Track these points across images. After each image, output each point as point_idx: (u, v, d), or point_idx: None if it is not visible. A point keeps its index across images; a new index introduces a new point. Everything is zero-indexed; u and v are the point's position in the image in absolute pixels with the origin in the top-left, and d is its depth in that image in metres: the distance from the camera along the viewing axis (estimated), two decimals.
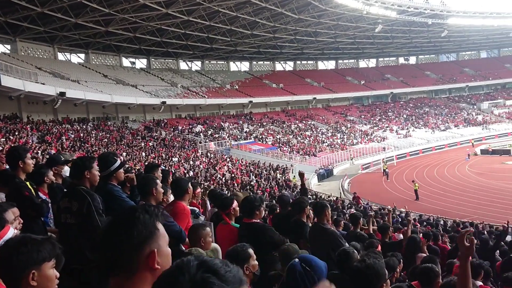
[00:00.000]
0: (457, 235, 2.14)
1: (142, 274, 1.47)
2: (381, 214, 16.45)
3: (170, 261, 1.55)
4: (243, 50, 64.14)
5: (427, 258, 5.05)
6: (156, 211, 1.53)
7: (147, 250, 1.47)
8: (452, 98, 77.29)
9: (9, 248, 1.78)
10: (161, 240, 1.53)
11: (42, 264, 1.78)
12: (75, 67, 48.29)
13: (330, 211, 4.88)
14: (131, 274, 1.46)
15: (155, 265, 1.48)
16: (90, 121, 40.39)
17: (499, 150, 47.29)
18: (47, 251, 1.79)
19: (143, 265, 1.46)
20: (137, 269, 1.46)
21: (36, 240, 1.81)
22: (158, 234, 1.51)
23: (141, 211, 1.49)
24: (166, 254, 1.54)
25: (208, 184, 24.74)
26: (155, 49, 56.66)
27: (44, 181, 4.54)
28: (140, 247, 1.46)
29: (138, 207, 1.53)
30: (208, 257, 1.22)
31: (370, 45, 73.40)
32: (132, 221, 1.46)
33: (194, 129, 48.41)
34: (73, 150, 28.38)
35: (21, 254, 1.75)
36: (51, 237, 1.87)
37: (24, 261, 1.75)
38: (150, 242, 1.48)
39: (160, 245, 1.51)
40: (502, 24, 67.97)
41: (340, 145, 52.02)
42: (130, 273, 1.46)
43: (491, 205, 24.87)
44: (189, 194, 4.41)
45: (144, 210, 1.50)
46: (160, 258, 1.50)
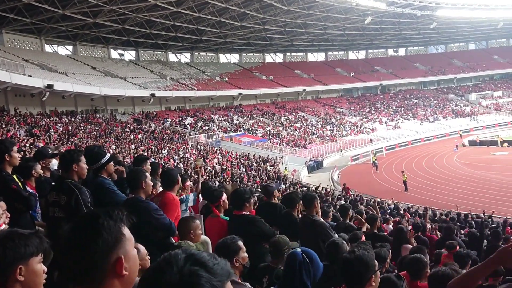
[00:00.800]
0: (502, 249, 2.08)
1: (109, 282, 1.42)
2: (370, 205, 16.54)
3: (137, 263, 1.50)
4: (233, 42, 63.86)
5: (415, 249, 5.10)
6: (120, 215, 1.47)
7: (113, 257, 1.41)
8: (441, 89, 77.84)
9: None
10: (128, 244, 1.46)
11: (29, 259, 1.73)
12: (63, 59, 47.76)
13: (319, 203, 4.90)
14: (97, 283, 1.40)
15: (123, 271, 1.43)
16: (78, 114, 40.03)
17: (487, 141, 47.79)
18: (34, 246, 1.74)
19: (110, 273, 1.41)
20: (104, 277, 1.41)
21: (23, 234, 1.76)
22: (124, 239, 1.44)
23: (104, 217, 1.42)
24: (133, 258, 1.49)
25: None
26: (144, 41, 56.20)
27: (32, 175, 4.49)
28: (107, 255, 1.40)
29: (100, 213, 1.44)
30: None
31: (359, 37, 73.51)
32: (97, 228, 1.40)
33: (183, 122, 48.23)
34: (62, 143, 28.15)
35: (8, 249, 1.70)
36: (38, 231, 1.82)
37: (11, 256, 1.70)
38: (117, 249, 1.42)
39: (127, 250, 1.45)
40: (490, 16, 68.41)
41: (330, 137, 52.19)
42: (96, 282, 1.40)
43: (479, 196, 25.15)
44: (178, 185, 4.41)
45: (107, 216, 1.43)
46: (128, 263, 1.45)
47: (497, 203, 22.69)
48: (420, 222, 10.68)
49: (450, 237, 8.63)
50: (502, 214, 17.91)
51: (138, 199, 3.79)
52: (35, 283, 1.57)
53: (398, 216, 14.55)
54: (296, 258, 2.81)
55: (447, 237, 8.71)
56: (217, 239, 4.41)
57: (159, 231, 3.73)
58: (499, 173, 31.12)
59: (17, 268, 1.71)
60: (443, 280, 2.71)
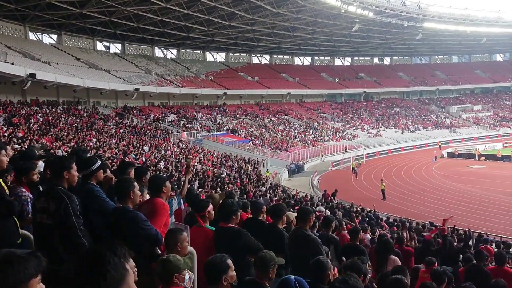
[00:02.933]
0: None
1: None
2: (349, 216, 16.71)
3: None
4: (220, 41, 63.70)
5: (398, 268, 5.18)
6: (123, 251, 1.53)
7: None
8: (423, 100, 79.04)
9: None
10: (130, 279, 1.53)
11: (29, 281, 1.72)
12: (47, 48, 47.00)
13: (313, 217, 4.94)
14: None
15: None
16: (60, 105, 39.41)
17: (465, 154, 48.73)
18: (33, 268, 1.72)
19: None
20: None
21: (21, 257, 1.74)
22: (127, 275, 1.51)
23: (110, 254, 1.48)
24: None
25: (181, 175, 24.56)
26: (130, 35, 55.65)
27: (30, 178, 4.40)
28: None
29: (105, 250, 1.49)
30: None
31: (346, 44, 74.09)
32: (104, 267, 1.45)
33: (166, 118, 47.94)
34: (42, 133, 27.71)
35: (7, 276, 1.69)
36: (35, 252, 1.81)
37: (11, 282, 1.69)
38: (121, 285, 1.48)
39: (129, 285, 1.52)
40: (474, 31, 69.75)
41: (312, 141, 52.50)
42: None
43: (455, 208, 25.58)
44: (165, 193, 4.38)
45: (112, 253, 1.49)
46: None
47: (472, 216, 23.16)
48: (400, 234, 10.84)
49: (428, 250, 8.79)
50: (475, 228, 18.27)
51: (126, 209, 3.78)
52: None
53: (377, 225, 14.71)
54: (288, 284, 2.84)
55: (425, 250, 8.87)
56: (202, 249, 4.42)
57: (146, 242, 3.72)
58: (476, 186, 31.75)
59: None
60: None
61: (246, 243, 4.38)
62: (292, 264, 4.74)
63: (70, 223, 3.40)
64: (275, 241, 4.75)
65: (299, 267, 4.69)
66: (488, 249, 11.36)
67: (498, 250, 10.84)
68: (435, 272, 5.83)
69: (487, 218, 23.01)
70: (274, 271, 3.69)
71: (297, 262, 4.62)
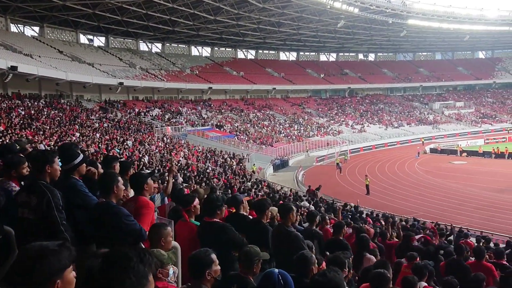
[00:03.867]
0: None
1: None
2: (333, 209, 16.84)
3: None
4: (205, 36, 63.37)
5: (380, 263, 5.24)
6: (150, 260, 1.52)
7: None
8: (406, 96, 79.80)
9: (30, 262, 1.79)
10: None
11: (64, 272, 1.81)
12: (29, 41, 46.22)
13: (295, 213, 4.96)
14: None
15: None
16: (42, 98, 38.84)
17: (447, 150, 49.42)
18: (66, 259, 1.82)
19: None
20: None
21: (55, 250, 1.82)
22: (148, 285, 1.50)
23: (136, 260, 1.47)
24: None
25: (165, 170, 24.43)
26: (114, 28, 55.02)
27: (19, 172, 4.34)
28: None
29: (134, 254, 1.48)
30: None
31: (331, 39, 74.35)
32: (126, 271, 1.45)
33: (151, 113, 47.60)
34: (23, 127, 27.30)
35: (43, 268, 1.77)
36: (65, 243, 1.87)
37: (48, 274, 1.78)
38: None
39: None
40: (457, 28, 70.62)
41: (297, 137, 52.67)
42: None
43: (437, 203, 25.97)
44: (148, 190, 4.35)
45: (139, 259, 1.48)
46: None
47: (453, 211, 23.53)
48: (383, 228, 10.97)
49: (408, 244, 8.91)
50: (457, 223, 18.59)
51: (108, 204, 3.75)
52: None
53: (361, 220, 14.84)
54: (272, 278, 2.86)
55: (405, 244, 8.99)
56: (186, 244, 4.43)
57: (129, 237, 3.70)
58: (458, 182, 32.23)
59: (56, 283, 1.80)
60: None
61: (231, 238, 4.38)
62: (276, 260, 4.76)
63: (52, 217, 3.36)
64: (260, 236, 4.76)
65: (283, 263, 4.71)
66: (468, 244, 11.57)
67: (477, 245, 11.05)
68: (416, 267, 5.92)
69: (468, 213, 23.39)
70: (258, 266, 3.70)
71: (281, 258, 4.64)
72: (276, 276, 2.88)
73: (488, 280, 6.69)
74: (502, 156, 43.36)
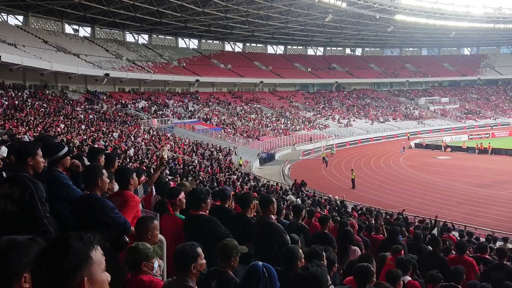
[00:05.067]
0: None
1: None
2: (318, 205, 16.93)
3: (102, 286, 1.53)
4: (193, 28, 62.94)
5: (364, 256, 5.28)
6: (91, 238, 1.51)
7: (77, 279, 1.45)
8: (393, 91, 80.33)
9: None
10: (95, 268, 1.50)
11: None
12: (12, 30, 45.44)
13: (275, 206, 4.97)
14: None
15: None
16: (26, 89, 38.29)
17: (432, 145, 49.98)
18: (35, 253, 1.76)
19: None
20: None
21: (23, 243, 1.80)
22: (91, 262, 1.48)
23: (74, 239, 1.47)
24: (100, 282, 1.52)
25: (149, 164, 24.33)
26: (101, 18, 54.29)
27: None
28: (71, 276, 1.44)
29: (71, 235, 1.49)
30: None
31: (319, 34, 74.42)
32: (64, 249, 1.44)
33: (137, 104, 47.24)
34: (6, 118, 26.92)
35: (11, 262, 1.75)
36: (36, 237, 1.84)
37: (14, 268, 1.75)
38: (81, 270, 1.46)
39: (92, 273, 1.49)
40: (443, 24, 71.28)
41: (284, 130, 52.75)
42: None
43: (421, 197, 26.28)
44: (133, 185, 4.32)
45: (78, 238, 1.48)
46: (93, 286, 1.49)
47: (437, 205, 23.81)
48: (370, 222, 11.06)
49: (394, 239, 8.99)
50: (440, 217, 18.80)
51: (93, 196, 3.71)
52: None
53: (346, 214, 14.95)
54: (256, 270, 2.87)
55: (391, 239, 9.07)
56: (171, 237, 4.41)
57: (113, 229, 3.67)
58: (442, 177, 32.63)
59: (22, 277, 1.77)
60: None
61: (216, 231, 4.37)
62: (258, 253, 4.77)
63: (35, 210, 3.32)
64: (243, 230, 4.76)
65: (264, 255, 4.72)
66: (451, 238, 11.73)
67: (459, 240, 11.21)
68: (401, 260, 5.99)
69: (452, 207, 23.70)
70: (236, 259, 3.68)
71: (262, 250, 4.65)
72: (261, 269, 2.89)
73: (469, 274, 6.80)
74: (485, 151, 43.99)
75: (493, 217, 21.61)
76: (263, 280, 2.84)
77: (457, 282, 5.87)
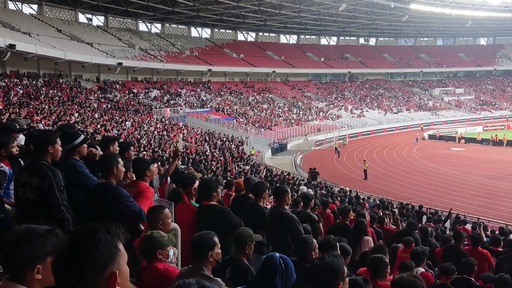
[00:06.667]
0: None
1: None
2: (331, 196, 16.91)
3: (128, 279, 1.54)
4: (206, 17, 62.77)
5: (377, 248, 5.27)
6: (117, 230, 1.51)
7: (108, 271, 1.46)
8: (407, 82, 79.49)
9: (13, 244, 1.77)
10: (122, 260, 1.51)
11: (46, 258, 1.78)
12: (27, 19, 45.72)
13: (290, 196, 4.98)
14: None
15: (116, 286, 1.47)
16: (41, 77, 38.62)
17: (446, 136, 49.47)
18: (51, 245, 1.79)
19: (103, 286, 1.46)
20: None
21: (40, 234, 1.80)
22: (119, 255, 1.49)
23: (103, 231, 1.46)
24: (126, 274, 1.53)
25: (163, 153, 24.48)
26: (114, 7, 54.40)
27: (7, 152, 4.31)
28: (102, 269, 1.45)
29: (99, 227, 1.48)
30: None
31: (332, 23, 73.70)
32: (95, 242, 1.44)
33: (150, 94, 47.41)
34: (21, 106, 27.20)
35: (25, 251, 1.75)
36: (54, 229, 1.84)
37: (28, 257, 1.76)
38: (112, 264, 1.46)
39: (120, 265, 1.50)
40: (459, 14, 70.00)
41: (296, 120, 52.59)
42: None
43: (434, 189, 26.09)
44: (149, 177, 4.32)
45: (106, 231, 1.47)
46: (120, 278, 1.49)
47: (450, 197, 23.65)
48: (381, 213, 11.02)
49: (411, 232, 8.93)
50: (453, 210, 18.66)
51: (108, 185, 3.75)
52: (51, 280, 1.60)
53: (358, 206, 14.92)
54: (272, 261, 2.89)
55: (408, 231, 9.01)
56: (187, 226, 4.44)
57: (128, 218, 3.71)
58: (455, 169, 32.34)
59: (35, 268, 1.78)
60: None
61: (228, 222, 4.40)
62: (272, 242, 4.79)
63: (53, 198, 3.36)
64: (256, 219, 4.79)
65: (277, 245, 4.74)
66: (465, 230, 11.64)
67: (473, 232, 11.12)
68: (415, 252, 5.97)
69: (465, 199, 23.52)
70: (251, 247, 3.73)
71: (276, 240, 4.67)
72: (278, 260, 2.91)
73: (483, 267, 6.76)
74: (500, 143, 43.44)
75: (507, 209, 21.38)
76: (280, 271, 2.86)
77: (469, 274, 5.84)
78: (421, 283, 2.86)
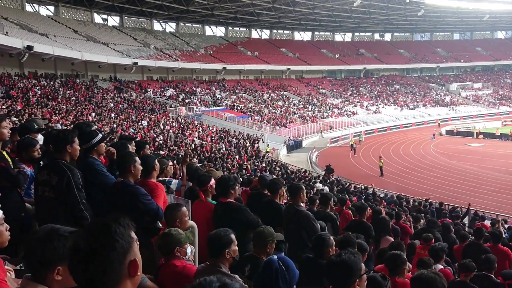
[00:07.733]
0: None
1: (123, 283, 1.50)
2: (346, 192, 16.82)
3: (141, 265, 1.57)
4: (220, 15, 62.88)
5: (395, 244, 5.23)
6: (126, 221, 1.54)
7: (128, 260, 1.50)
8: (423, 77, 78.57)
9: (36, 244, 1.80)
10: (136, 248, 1.55)
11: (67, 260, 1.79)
12: (44, 20, 46.36)
13: (305, 193, 4.97)
14: (113, 286, 1.48)
15: (137, 272, 1.52)
16: (58, 78, 39.16)
17: (464, 132, 48.77)
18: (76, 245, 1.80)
19: (125, 275, 1.50)
20: (120, 279, 1.49)
21: (63, 235, 1.82)
22: (133, 243, 1.53)
23: (115, 225, 1.49)
24: (140, 260, 1.57)
25: (179, 151, 24.61)
26: (128, 7, 54.83)
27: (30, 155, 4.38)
28: (123, 259, 1.48)
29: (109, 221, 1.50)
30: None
31: (347, 19, 73.21)
32: (112, 236, 1.47)
33: (165, 93, 47.69)
34: (40, 107, 27.60)
35: (47, 251, 1.78)
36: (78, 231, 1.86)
37: (50, 258, 1.78)
38: (130, 252, 1.50)
39: (136, 253, 1.54)
40: (476, 8, 68.85)
41: (311, 118, 52.40)
42: (113, 285, 1.48)
43: (452, 185, 25.77)
44: (156, 171, 4.31)
45: (117, 223, 1.50)
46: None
47: (468, 193, 23.34)
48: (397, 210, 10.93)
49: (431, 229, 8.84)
50: (472, 206, 18.41)
51: (126, 183, 3.78)
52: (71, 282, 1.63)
53: (375, 202, 14.82)
54: (272, 265, 2.88)
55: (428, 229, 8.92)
56: (204, 223, 4.46)
57: (146, 216, 3.74)
58: (473, 164, 31.88)
59: (56, 269, 1.80)
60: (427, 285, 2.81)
61: (245, 219, 4.41)
62: (287, 240, 4.79)
63: (72, 196, 3.41)
64: (273, 216, 4.79)
65: (293, 242, 4.74)
66: (484, 226, 11.49)
67: (492, 228, 10.97)
68: (433, 249, 5.91)
69: (483, 195, 23.19)
70: (272, 246, 3.73)
71: (291, 237, 4.67)
72: (277, 263, 2.90)
73: (504, 263, 6.66)
74: None
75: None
76: (281, 273, 2.85)
77: (489, 270, 5.76)
78: (440, 279, 2.84)
